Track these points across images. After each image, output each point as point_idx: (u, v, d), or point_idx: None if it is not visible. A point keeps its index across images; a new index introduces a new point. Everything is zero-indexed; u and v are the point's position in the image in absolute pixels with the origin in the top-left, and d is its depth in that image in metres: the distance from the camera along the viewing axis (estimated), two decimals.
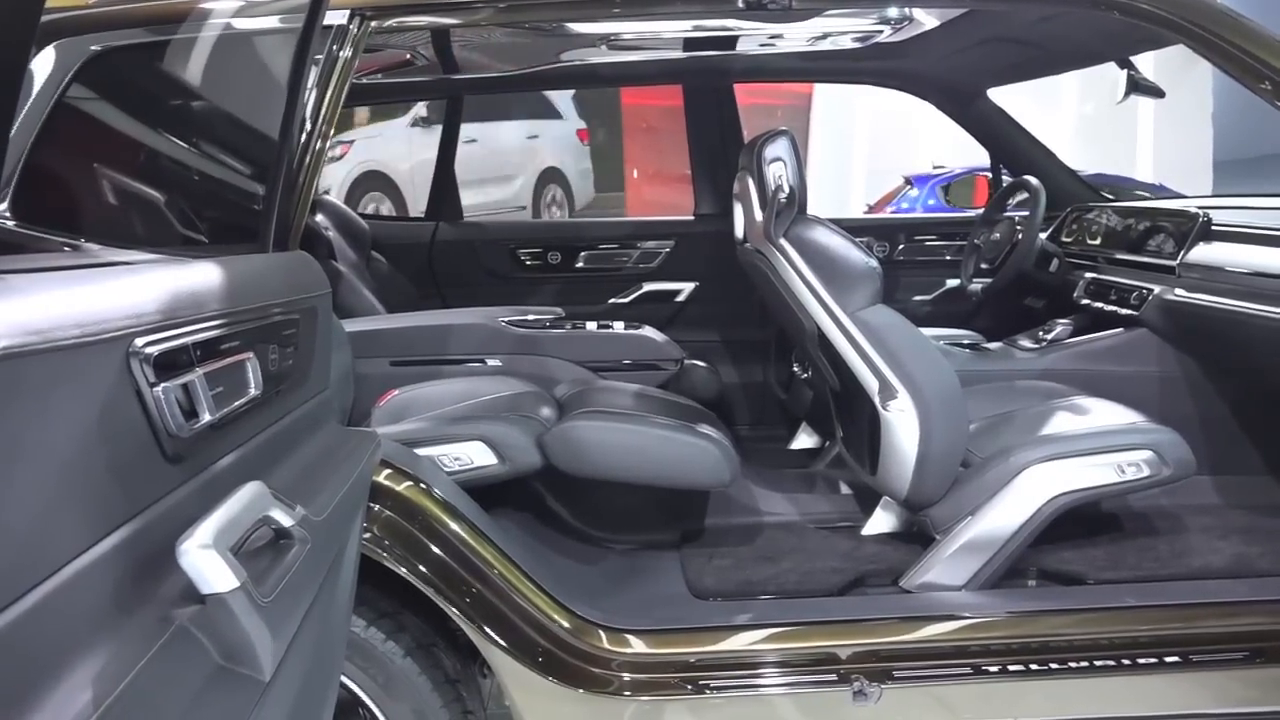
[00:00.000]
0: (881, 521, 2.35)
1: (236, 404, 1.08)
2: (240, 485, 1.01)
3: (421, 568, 1.74)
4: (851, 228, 3.54)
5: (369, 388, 2.38)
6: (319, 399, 1.50)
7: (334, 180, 7.68)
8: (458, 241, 3.50)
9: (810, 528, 2.41)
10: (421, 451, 1.98)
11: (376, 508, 1.74)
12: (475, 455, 2.06)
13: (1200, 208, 2.59)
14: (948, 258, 3.54)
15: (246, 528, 0.96)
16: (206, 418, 0.98)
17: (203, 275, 1.08)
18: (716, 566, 2.18)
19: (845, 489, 2.63)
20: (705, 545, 2.30)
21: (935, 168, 9.79)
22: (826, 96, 12.26)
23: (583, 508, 2.39)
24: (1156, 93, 2.81)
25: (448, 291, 3.44)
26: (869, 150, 12.38)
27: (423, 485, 1.78)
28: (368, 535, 1.70)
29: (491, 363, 2.62)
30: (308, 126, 1.69)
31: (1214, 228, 2.47)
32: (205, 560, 0.87)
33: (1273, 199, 2.76)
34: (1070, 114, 11.14)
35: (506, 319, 2.68)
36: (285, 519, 1.03)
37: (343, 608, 1.37)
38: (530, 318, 2.76)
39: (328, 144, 1.75)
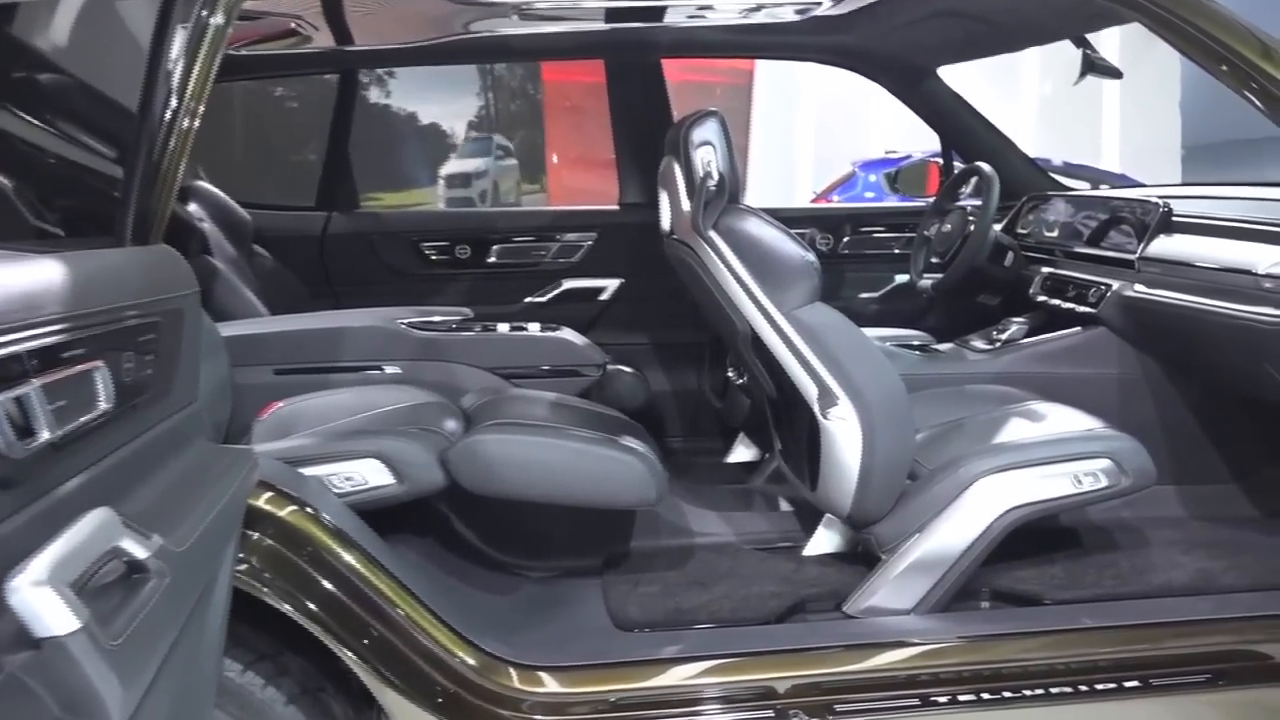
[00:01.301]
0: (824, 541, 2.38)
1: (83, 420, 1.05)
2: (86, 512, 0.98)
3: (309, 603, 1.72)
4: (793, 218, 3.62)
5: (249, 399, 2.34)
6: (186, 413, 1.47)
7: None
8: (353, 234, 3.45)
9: (746, 549, 2.43)
10: (308, 471, 1.95)
11: (256, 535, 1.71)
12: (369, 474, 2.04)
13: (1161, 197, 2.67)
14: (896, 251, 3.61)
15: (91, 561, 0.94)
16: (45, 436, 0.96)
17: (39, 273, 1.06)
18: (642, 594, 2.18)
19: (785, 506, 2.67)
20: (630, 571, 2.31)
21: (888, 153, 9.96)
22: (770, 74, 12.37)
23: (493, 531, 2.38)
24: (1114, 74, 2.91)
25: (342, 290, 3.40)
26: (816, 133, 12.53)
27: (309, 509, 1.76)
28: (244, 567, 1.67)
29: (390, 370, 2.59)
30: (173, 103, 1.65)
31: (1175, 219, 2.56)
32: (39, 599, 0.84)
33: (1237, 187, 2.87)
34: (1031, 98, 11.45)
35: (407, 321, 2.66)
36: (139, 550, 1.01)
37: (212, 649, 1.35)
38: (435, 319, 2.74)
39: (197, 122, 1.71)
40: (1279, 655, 1.99)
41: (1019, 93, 11.39)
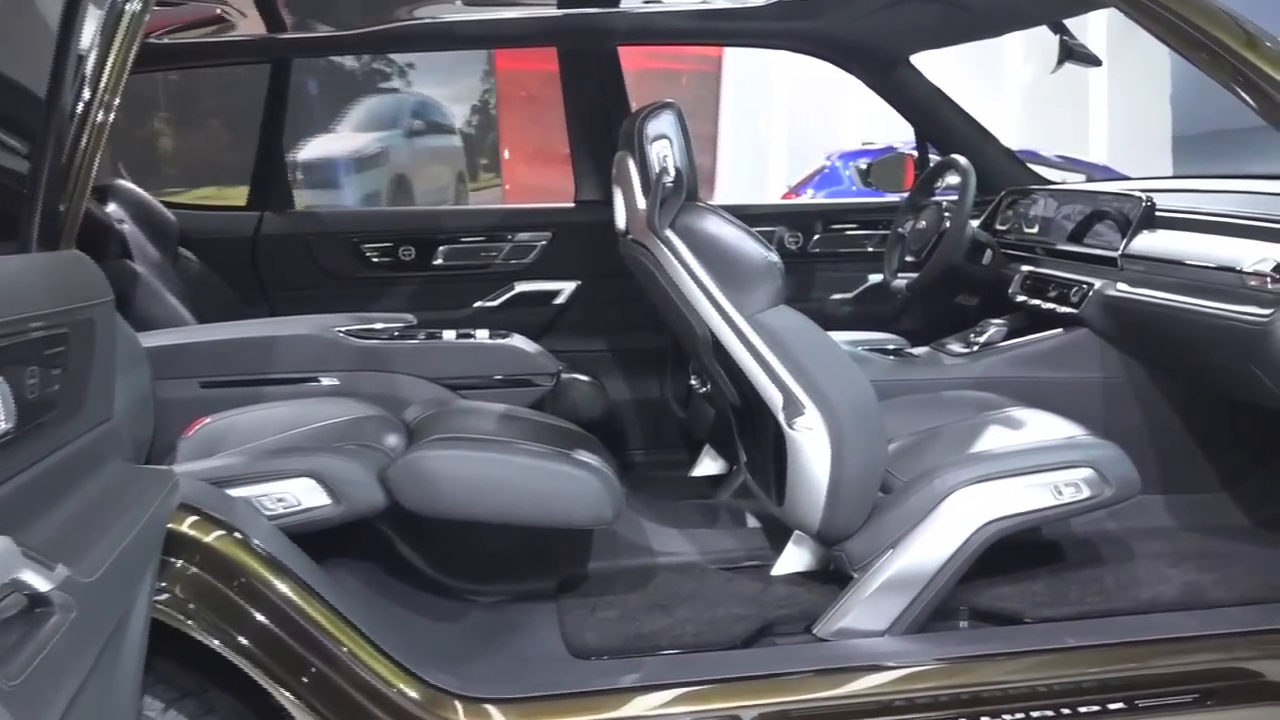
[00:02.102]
0: (793, 559, 2.39)
1: None
2: None
3: (238, 637, 1.71)
4: (761, 216, 3.66)
5: (174, 415, 2.31)
6: (99, 432, 1.46)
7: None
8: (288, 235, 3.43)
9: (711, 569, 2.44)
10: (236, 492, 1.93)
11: (179, 563, 1.69)
12: (303, 495, 2.02)
13: (1145, 191, 2.71)
14: (870, 250, 3.64)
15: None
16: None
17: None
18: (600, 619, 2.18)
19: (752, 522, 2.67)
20: (587, 594, 2.31)
21: (864, 144, 10.03)
22: (740, 61, 12.43)
23: (439, 554, 2.37)
24: (1093, 61, 2.95)
25: (276, 296, 3.37)
26: (790, 124, 12.58)
27: (238, 534, 1.74)
28: (165, 597, 1.65)
29: (327, 382, 2.58)
30: (86, 94, 1.63)
31: (1159, 214, 2.60)
32: None
33: (1224, 180, 2.92)
34: (1015, 88, 11.58)
35: (345, 329, 2.65)
36: (41, 582, 1.00)
37: (128, 688, 1.33)
38: (377, 326, 2.73)
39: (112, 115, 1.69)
40: (1270, 673, 2.02)
41: (1002, 82, 11.52)
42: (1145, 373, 2.69)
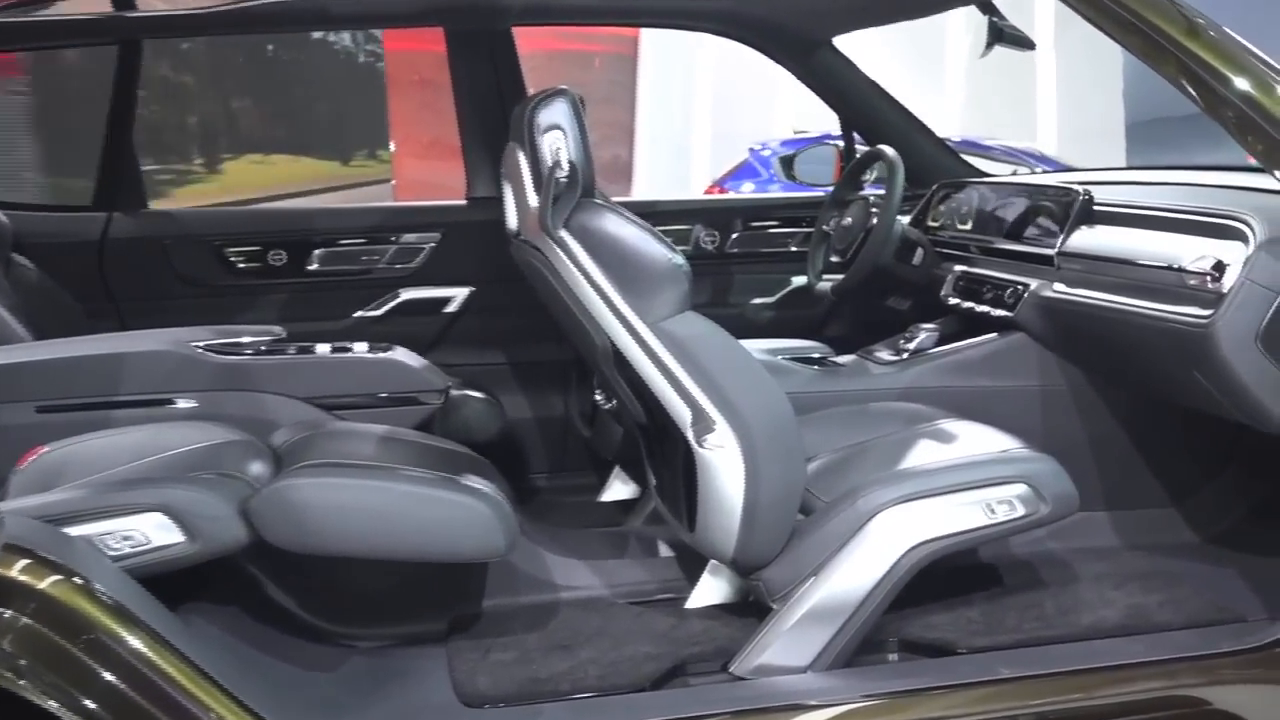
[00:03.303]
0: (709, 591, 2.42)
1: None
2: None
3: (81, 698, 1.67)
4: (674, 213, 3.69)
5: (7, 443, 2.28)
6: None
7: None
8: (140, 238, 3.37)
9: (620, 604, 2.46)
10: (74, 530, 1.90)
11: (8, 614, 1.66)
12: (153, 532, 1.99)
13: (1083, 184, 2.79)
14: (793, 249, 3.69)
15: None
16: None
17: None
18: (494, 663, 2.19)
19: (665, 551, 2.70)
20: (481, 635, 2.31)
21: (797, 133, 10.15)
22: (659, 41, 12.48)
23: (312, 595, 2.35)
24: (1026, 44, 3.03)
25: (127, 307, 3.31)
26: (716, 110, 12.67)
27: (77, 579, 1.71)
28: None
29: (183, 404, 2.54)
30: None
31: (1097, 208, 2.68)
32: None
33: (1167, 171, 3.02)
34: (957, 75, 11.82)
35: (205, 343, 2.61)
36: None
37: None
38: (245, 340, 2.70)
39: None
40: (1217, 700, 2.10)
41: (943, 70, 11.76)
42: (1085, 380, 2.77)
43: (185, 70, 10.15)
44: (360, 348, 2.78)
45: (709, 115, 12.72)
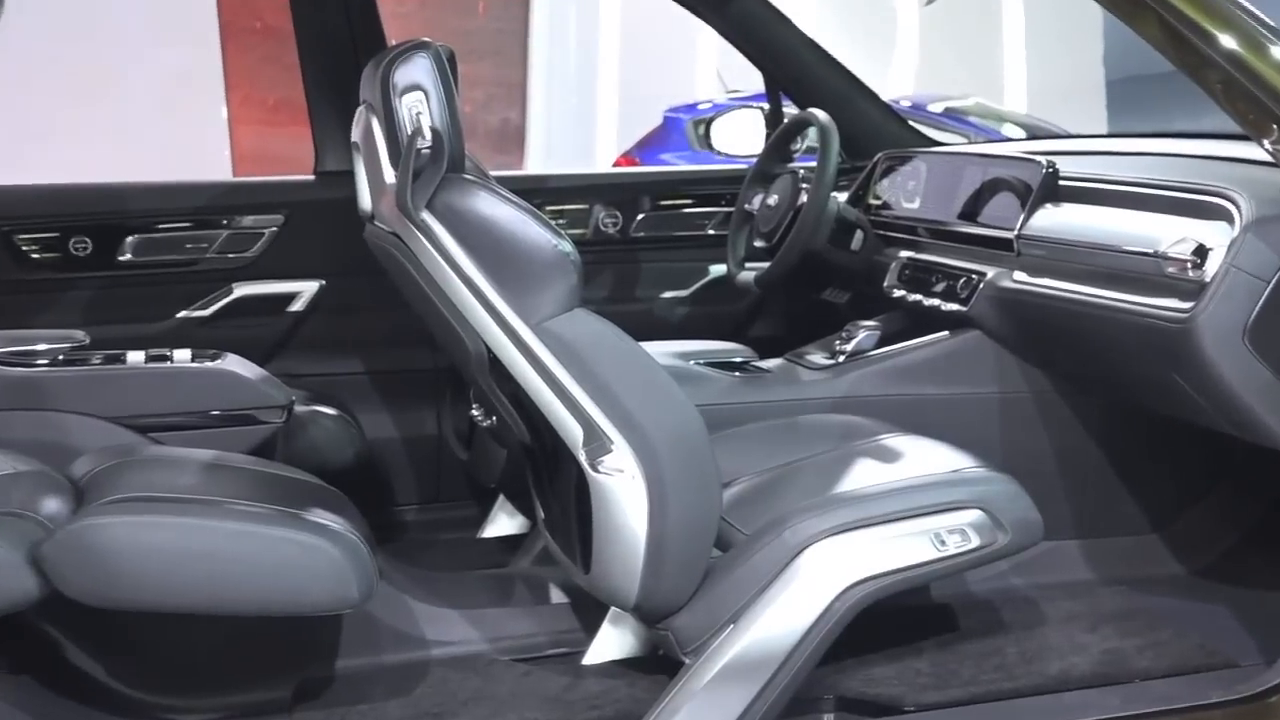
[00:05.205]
0: (609, 644, 2.41)
1: None
2: None
3: None
4: (566, 189, 3.67)
5: None
6: None
7: None
8: None
9: (503, 661, 2.45)
10: None
11: None
12: None
13: (1047, 154, 2.83)
14: (711, 232, 3.70)
15: None
16: None
17: None
18: None
19: (558, 596, 2.69)
20: (333, 704, 2.29)
21: (730, 94, 10.15)
22: None
23: (125, 661, 2.32)
24: None
25: None
26: (627, 66, 12.63)
27: None
28: None
29: None
30: None
31: (1063, 183, 2.71)
32: None
33: (1144, 140, 3.08)
34: (910, 26, 11.99)
35: None
36: None
37: None
38: (39, 347, 2.67)
39: None
40: None
41: (894, 19, 11.91)
42: (1051, 385, 2.81)
43: None
44: (183, 356, 2.75)
45: (617, 71, 12.67)
